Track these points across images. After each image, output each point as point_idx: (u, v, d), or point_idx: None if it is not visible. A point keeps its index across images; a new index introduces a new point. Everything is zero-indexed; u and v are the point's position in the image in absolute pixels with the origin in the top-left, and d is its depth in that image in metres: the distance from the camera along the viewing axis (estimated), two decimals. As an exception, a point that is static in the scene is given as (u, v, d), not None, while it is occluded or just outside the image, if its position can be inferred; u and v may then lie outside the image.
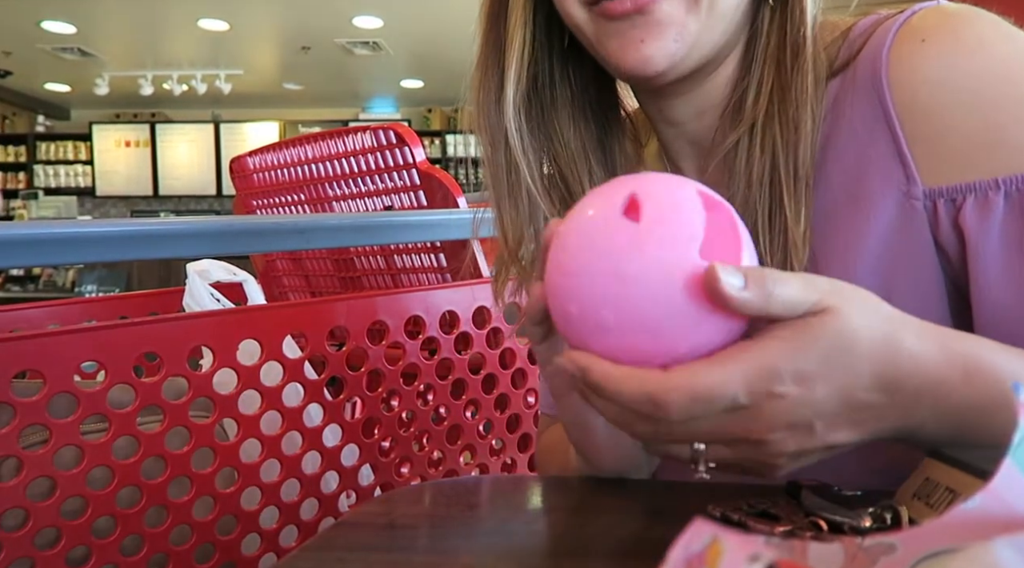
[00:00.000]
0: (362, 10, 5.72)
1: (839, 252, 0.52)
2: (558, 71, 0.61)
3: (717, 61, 0.56)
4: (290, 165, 1.53)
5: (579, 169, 0.60)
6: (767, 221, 0.52)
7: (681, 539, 0.25)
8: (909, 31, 0.50)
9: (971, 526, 0.25)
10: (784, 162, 0.52)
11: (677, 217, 0.36)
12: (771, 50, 0.54)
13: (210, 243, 0.92)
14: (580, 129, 0.61)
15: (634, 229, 0.36)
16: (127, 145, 8.60)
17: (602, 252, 0.36)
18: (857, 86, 0.52)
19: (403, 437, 0.98)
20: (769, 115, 0.53)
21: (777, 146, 0.53)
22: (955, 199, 0.48)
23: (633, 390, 0.36)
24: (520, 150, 0.58)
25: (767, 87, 0.54)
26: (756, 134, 0.54)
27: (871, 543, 0.26)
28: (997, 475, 0.26)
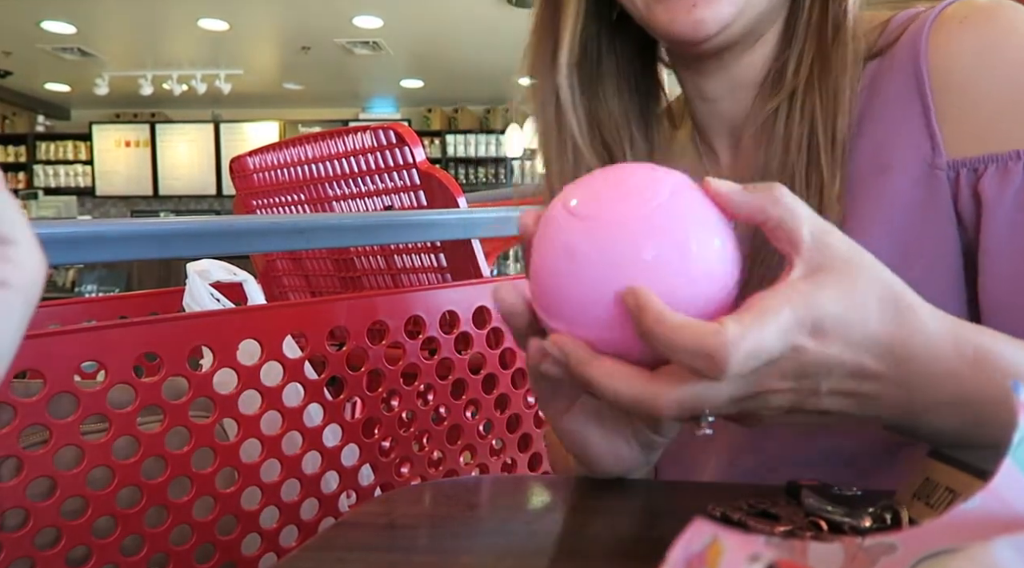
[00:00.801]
0: (362, 10, 5.73)
1: (863, 219, 0.54)
2: (605, 43, 0.63)
3: (757, 33, 0.59)
4: (290, 165, 1.53)
5: (622, 137, 0.63)
6: (804, 181, 0.54)
7: (681, 539, 0.25)
8: (947, 16, 0.53)
9: (971, 526, 0.25)
10: (823, 127, 0.54)
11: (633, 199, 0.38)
12: (813, 23, 0.57)
13: (210, 243, 0.92)
14: (624, 99, 0.64)
15: (582, 224, 0.38)
16: (127, 145, 8.60)
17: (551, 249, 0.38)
18: (894, 68, 0.55)
19: (403, 437, 0.98)
20: (809, 84, 0.56)
21: (816, 113, 0.55)
22: (977, 168, 0.50)
23: (687, 340, 0.34)
24: (571, 110, 0.62)
25: (808, 58, 0.56)
26: (796, 101, 0.56)
27: (871, 543, 0.27)
28: (997, 475, 0.26)
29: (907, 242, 0.52)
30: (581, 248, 0.37)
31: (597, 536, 0.42)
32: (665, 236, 0.36)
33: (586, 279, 0.37)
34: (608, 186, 0.39)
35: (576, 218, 0.38)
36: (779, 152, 0.56)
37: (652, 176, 0.39)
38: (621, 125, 0.63)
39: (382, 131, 1.30)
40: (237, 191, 1.75)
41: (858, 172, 0.55)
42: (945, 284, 0.52)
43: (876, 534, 0.27)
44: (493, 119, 8.58)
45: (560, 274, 0.38)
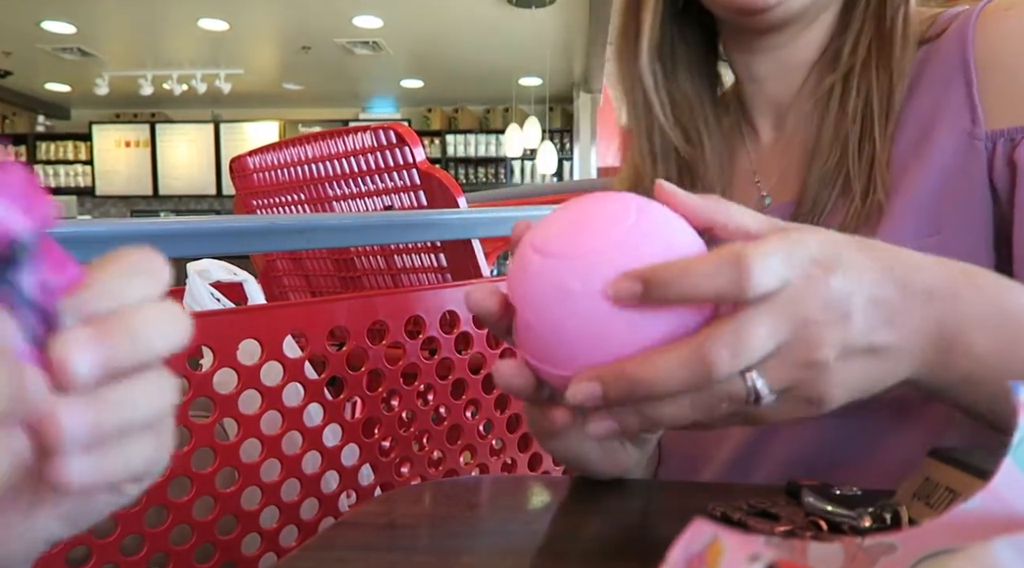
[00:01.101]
0: (362, 10, 5.73)
1: (903, 188, 0.56)
2: (676, 31, 0.68)
3: (813, 15, 0.62)
4: (290, 165, 1.53)
5: (696, 117, 0.68)
6: (856, 151, 0.58)
7: (681, 539, 0.25)
8: (994, 7, 0.57)
9: (971, 526, 0.25)
10: (878, 103, 0.58)
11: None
12: (872, 8, 0.60)
13: (210, 243, 0.92)
14: (696, 83, 0.69)
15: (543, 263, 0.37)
16: (127, 145, 8.61)
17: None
18: (941, 51, 0.58)
19: (403, 437, 0.98)
20: (867, 64, 0.59)
21: (872, 89, 0.58)
22: (1014, 138, 0.53)
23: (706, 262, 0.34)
24: (653, 92, 0.66)
25: (866, 39, 0.60)
26: (852, 79, 0.59)
27: (871, 543, 0.26)
28: (997, 475, 0.26)
29: (940, 204, 0.55)
30: (568, 286, 0.36)
31: (597, 536, 0.42)
32: (645, 252, 0.36)
33: (581, 313, 0.35)
34: (573, 220, 0.38)
35: (553, 258, 0.37)
36: (833, 125, 0.60)
37: (613, 202, 0.38)
38: (696, 107, 0.68)
39: (382, 131, 1.30)
40: (237, 191, 1.75)
41: (904, 140, 0.58)
42: (971, 250, 0.54)
43: (876, 534, 0.27)
44: (493, 119, 8.58)
45: (552, 317, 0.36)
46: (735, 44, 0.67)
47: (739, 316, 0.34)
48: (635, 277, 0.34)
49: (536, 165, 7.33)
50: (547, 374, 0.38)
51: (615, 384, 0.34)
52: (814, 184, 0.59)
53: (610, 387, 0.34)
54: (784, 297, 0.34)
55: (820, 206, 0.59)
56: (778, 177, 0.66)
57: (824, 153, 0.59)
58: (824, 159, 0.59)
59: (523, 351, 0.39)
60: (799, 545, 0.27)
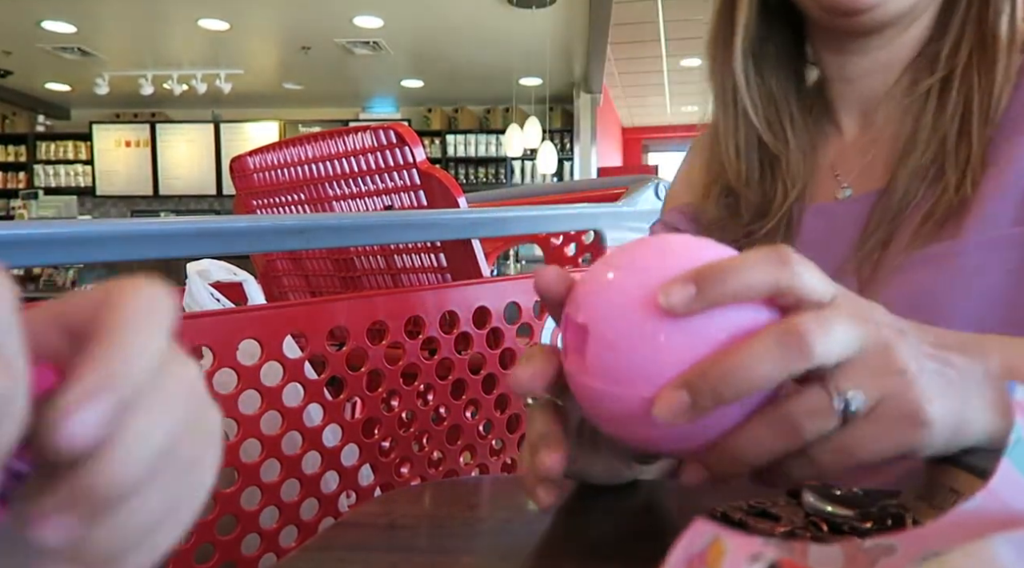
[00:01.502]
0: (362, 10, 5.73)
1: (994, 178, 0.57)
2: (767, 30, 0.70)
3: (912, 16, 0.63)
4: (290, 165, 1.52)
5: (781, 115, 0.70)
6: (955, 147, 0.58)
7: (682, 539, 0.25)
8: None
9: (970, 526, 0.25)
10: (978, 104, 0.58)
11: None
12: (974, 10, 0.61)
13: (210, 243, 0.91)
14: (782, 81, 0.71)
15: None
16: (127, 145, 8.60)
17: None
18: None
19: (403, 437, 0.98)
20: (967, 67, 0.60)
21: (973, 91, 0.59)
22: None
23: (755, 254, 0.33)
24: (744, 89, 0.69)
25: (968, 43, 0.60)
26: (953, 80, 0.60)
27: (871, 544, 0.26)
28: (995, 475, 0.26)
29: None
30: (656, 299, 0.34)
31: (597, 536, 0.42)
32: None
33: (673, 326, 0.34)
34: (651, 247, 0.38)
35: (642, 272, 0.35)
36: (931, 123, 0.60)
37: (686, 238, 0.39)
38: (782, 104, 0.70)
39: (382, 131, 1.30)
40: (237, 191, 1.74)
41: (1000, 131, 0.58)
42: None
43: (876, 535, 0.27)
44: (493, 119, 8.57)
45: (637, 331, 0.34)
46: (827, 45, 0.68)
47: (817, 311, 0.33)
48: (686, 279, 0.33)
49: (536, 165, 7.33)
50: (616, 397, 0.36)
51: (701, 384, 0.32)
52: (905, 176, 0.60)
53: (697, 390, 0.33)
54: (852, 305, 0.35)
55: (909, 197, 0.60)
56: (860, 171, 0.67)
57: (920, 148, 0.60)
58: (920, 154, 0.60)
59: (594, 375, 0.36)
60: (799, 546, 0.27)
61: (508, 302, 1.06)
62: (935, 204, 0.58)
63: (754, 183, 0.69)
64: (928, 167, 0.59)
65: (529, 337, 1.11)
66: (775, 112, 0.70)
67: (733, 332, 0.34)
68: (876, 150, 0.66)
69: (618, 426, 0.37)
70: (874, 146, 0.67)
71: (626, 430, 0.37)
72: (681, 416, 0.33)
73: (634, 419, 0.35)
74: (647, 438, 0.37)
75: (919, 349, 0.35)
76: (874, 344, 0.34)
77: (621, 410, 0.36)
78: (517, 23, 5.84)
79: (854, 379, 0.33)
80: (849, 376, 0.33)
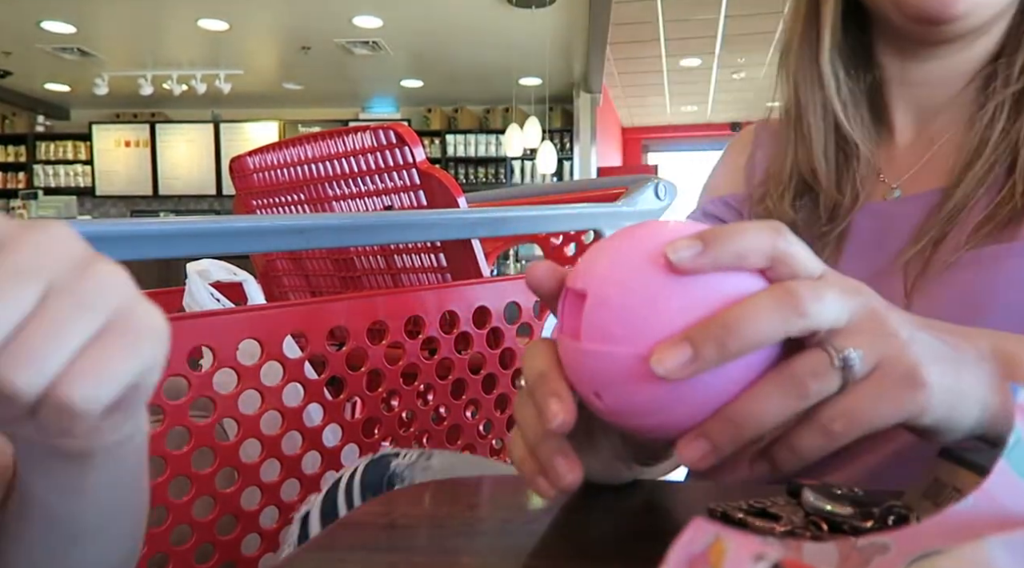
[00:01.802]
0: (362, 10, 5.73)
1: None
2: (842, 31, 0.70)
3: (985, 28, 0.63)
4: (290, 165, 1.52)
5: (851, 116, 0.69)
6: (1005, 179, 0.59)
7: (681, 538, 0.25)
8: None
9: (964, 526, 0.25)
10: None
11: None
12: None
13: (210, 243, 0.92)
14: (851, 81, 0.70)
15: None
16: (127, 145, 8.61)
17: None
18: None
19: (403, 437, 0.98)
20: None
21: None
22: None
23: (748, 224, 0.35)
24: (833, 88, 0.68)
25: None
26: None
27: (865, 543, 0.26)
28: (991, 476, 0.26)
29: None
30: (659, 258, 0.34)
31: (597, 536, 0.42)
32: None
33: (674, 284, 0.34)
34: (652, 225, 0.38)
35: (644, 238, 0.36)
36: (1002, 132, 0.61)
37: (689, 222, 0.39)
38: (851, 105, 0.69)
39: (382, 131, 1.30)
40: (237, 191, 1.75)
41: None
42: None
43: (871, 534, 0.27)
44: (493, 119, 8.58)
45: (639, 288, 0.35)
46: (896, 49, 0.68)
47: (808, 279, 0.34)
48: (692, 237, 0.34)
49: (536, 165, 7.33)
50: (613, 357, 0.35)
51: (704, 336, 0.33)
52: (970, 181, 0.61)
53: (699, 342, 0.33)
54: (841, 280, 0.36)
55: (969, 199, 0.61)
56: (910, 174, 0.68)
57: (988, 155, 0.61)
58: (986, 160, 0.61)
59: (589, 338, 0.36)
60: (794, 545, 0.27)
61: (508, 302, 1.06)
62: (996, 207, 0.59)
63: (833, 183, 0.69)
64: (993, 174, 0.60)
65: (529, 337, 1.11)
66: (856, 110, 0.70)
67: (729, 295, 0.34)
68: (932, 155, 0.67)
69: (610, 393, 0.36)
70: (929, 151, 0.68)
71: (619, 397, 0.36)
72: (682, 369, 0.33)
73: (630, 381, 0.35)
74: (641, 405, 0.36)
75: (910, 322, 0.36)
76: (866, 312, 0.35)
77: (616, 372, 0.35)
78: (517, 23, 5.85)
79: (851, 340, 0.34)
80: (845, 337, 0.34)
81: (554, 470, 0.39)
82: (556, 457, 0.39)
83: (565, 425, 0.37)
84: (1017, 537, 0.23)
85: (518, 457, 0.42)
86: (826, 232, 0.68)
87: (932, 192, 0.64)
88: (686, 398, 0.35)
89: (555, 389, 0.37)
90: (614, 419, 0.38)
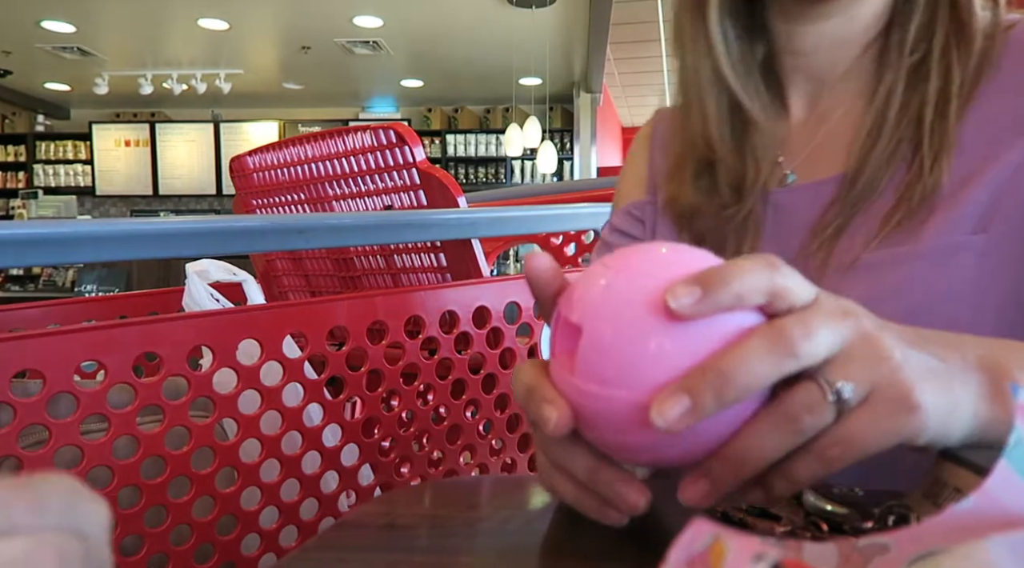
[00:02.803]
0: (362, 10, 5.73)
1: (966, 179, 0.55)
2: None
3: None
4: (290, 164, 1.52)
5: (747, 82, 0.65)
6: (929, 131, 0.56)
7: (681, 539, 0.25)
8: None
9: (965, 527, 0.25)
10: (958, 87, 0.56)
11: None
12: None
13: (210, 243, 0.92)
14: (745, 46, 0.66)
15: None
16: (127, 144, 8.60)
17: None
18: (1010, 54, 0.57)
19: (403, 437, 0.98)
20: (947, 48, 0.58)
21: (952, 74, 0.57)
22: None
23: (743, 261, 0.34)
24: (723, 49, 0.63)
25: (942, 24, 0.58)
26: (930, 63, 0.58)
27: (865, 543, 0.26)
28: (991, 476, 0.26)
29: (998, 202, 0.54)
30: (660, 301, 0.34)
31: (597, 536, 0.41)
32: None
33: (671, 327, 0.34)
34: (646, 254, 0.37)
35: (641, 276, 0.35)
36: (901, 107, 0.58)
37: (681, 246, 0.38)
38: (752, 71, 0.66)
39: (382, 131, 1.30)
40: (237, 191, 1.74)
41: (967, 135, 0.56)
42: (1015, 255, 0.53)
43: (872, 534, 0.27)
44: (493, 119, 8.57)
45: (635, 331, 0.34)
46: (780, 13, 0.65)
47: (800, 312, 0.34)
48: (690, 282, 0.33)
49: (536, 165, 7.33)
50: (607, 400, 0.35)
51: (702, 386, 0.32)
52: (874, 162, 0.58)
53: (698, 392, 0.32)
54: (833, 303, 0.35)
55: (875, 185, 0.58)
56: (807, 156, 0.64)
57: (889, 132, 0.58)
58: (888, 138, 0.58)
59: (584, 377, 0.36)
60: (793, 545, 0.27)
61: (508, 302, 1.06)
62: (907, 189, 0.56)
63: (731, 152, 0.65)
64: (899, 152, 0.57)
65: (529, 337, 1.11)
66: (749, 78, 0.65)
67: (726, 336, 0.34)
68: (828, 134, 0.63)
69: (604, 432, 0.36)
70: (822, 128, 0.64)
71: (613, 436, 0.36)
72: (681, 421, 0.32)
73: (625, 424, 0.35)
74: (635, 445, 0.36)
75: (901, 339, 0.36)
76: (858, 336, 0.35)
77: (611, 414, 0.35)
78: (517, 23, 5.84)
79: (843, 370, 0.34)
80: (837, 368, 0.34)
81: (623, 499, 0.39)
82: (618, 486, 0.39)
83: (562, 425, 0.36)
84: (1019, 537, 0.23)
85: (572, 496, 0.41)
86: (732, 215, 0.64)
87: (831, 180, 0.61)
88: (680, 439, 0.35)
89: (545, 395, 0.37)
90: (606, 451, 0.39)
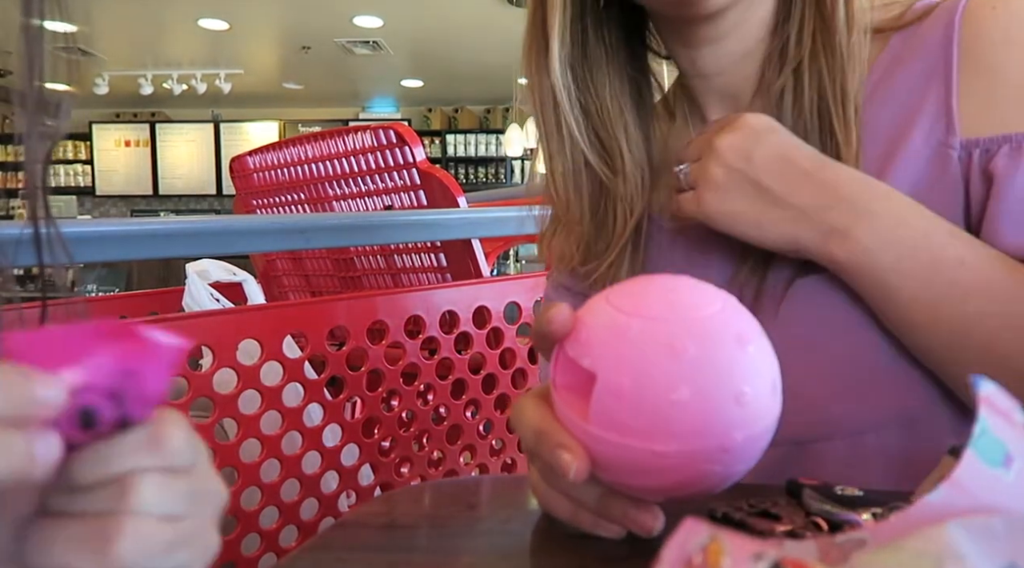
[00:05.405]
0: (362, 10, 5.73)
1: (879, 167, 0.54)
2: (593, 33, 0.62)
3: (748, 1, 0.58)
4: (290, 165, 1.53)
5: (616, 129, 0.62)
6: (820, 146, 0.54)
7: (674, 538, 0.25)
8: (979, 1, 0.53)
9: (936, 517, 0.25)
10: (832, 94, 0.55)
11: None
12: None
13: (210, 243, 0.92)
14: (616, 90, 0.62)
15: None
16: (127, 144, 8.60)
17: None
18: (924, 44, 0.55)
19: (403, 437, 0.98)
20: (814, 52, 0.56)
21: (824, 79, 0.55)
22: (990, 149, 0.51)
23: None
24: (567, 106, 0.60)
25: (810, 26, 0.56)
26: (803, 72, 0.56)
27: (843, 539, 0.27)
28: (959, 466, 0.26)
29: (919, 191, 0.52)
30: (682, 348, 0.34)
31: (597, 536, 0.42)
32: (745, 315, 0.37)
33: (693, 377, 0.34)
34: (654, 289, 0.37)
35: (658, 321, 0.35)
36: (791, 120, 0.56)
37: (676, 278, 0.38)
38: (615, 117, 0.62)
39: (382, 131, 1.30)
40: (237, 191, 1.75)
41: (873, 140, 0.55)
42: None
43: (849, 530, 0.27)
44: (493, 119, 8.57)
45: (658, 383, 0.34)
46: (674, 38, 0.62)
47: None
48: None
49: (537, 165, 7.32)
50: (631, 450, 0.35)
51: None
52: None
53: None
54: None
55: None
56: None
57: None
58: None
59: (601, 425, 0.36)
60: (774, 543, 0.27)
61: (508, 302, 1.06)
62: None
63: (587, 215, 0.62)
64: None
65: (529, 337, 1.11)
66: (606, 127, 0.62)
67: (742, 375, 0.35)
68: None
69: (619, 475, 0.37)
70: None
71: (628, 479, 0.38)
72: None
73: (643, 470, 0.36)
74: (652, 487, 0.38)
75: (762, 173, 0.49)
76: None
77: (629, 461, 0.35)
78: (517, 23, 5.79)
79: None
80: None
81: (638, 524, 0.40)
82: (632, 513, 0.40)
83: (582, 472, 0.37)
84: (976, 520, 0.24)
85: (589, 523, 0.41)
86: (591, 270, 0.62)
87: None
88: (699, 480, 0.36)
89: (560, 442, 0.38)
90: (619, 490, 0.39)
